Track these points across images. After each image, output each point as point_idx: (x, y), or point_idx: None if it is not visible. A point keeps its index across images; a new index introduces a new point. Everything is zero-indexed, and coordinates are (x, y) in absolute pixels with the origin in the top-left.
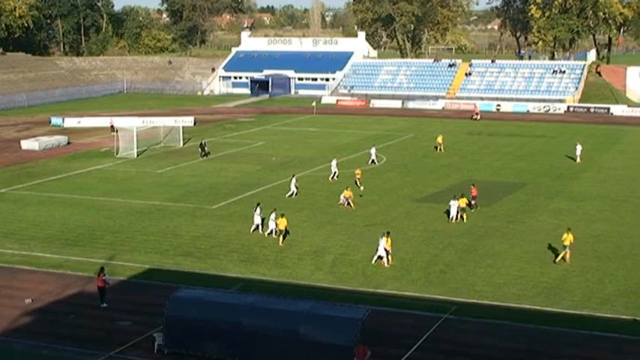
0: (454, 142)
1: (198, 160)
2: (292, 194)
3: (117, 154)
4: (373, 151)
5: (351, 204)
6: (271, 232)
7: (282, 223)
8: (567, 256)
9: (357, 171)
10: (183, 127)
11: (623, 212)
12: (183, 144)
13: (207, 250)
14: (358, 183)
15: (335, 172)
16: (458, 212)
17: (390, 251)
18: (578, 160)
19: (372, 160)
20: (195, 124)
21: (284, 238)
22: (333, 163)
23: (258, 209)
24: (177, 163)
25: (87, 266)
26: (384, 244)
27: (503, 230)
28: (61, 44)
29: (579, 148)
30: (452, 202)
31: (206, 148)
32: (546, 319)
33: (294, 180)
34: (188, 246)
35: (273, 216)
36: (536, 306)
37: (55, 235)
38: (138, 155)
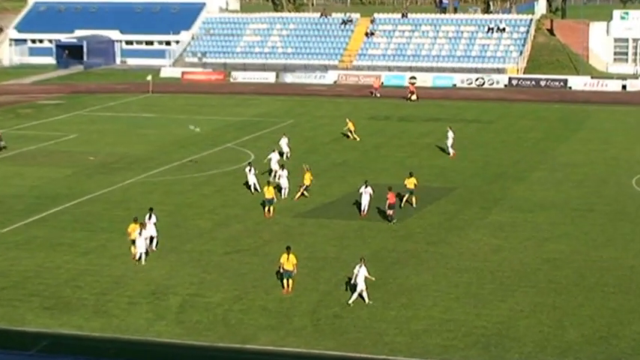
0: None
1: None
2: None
3: None
4: (284, 142)
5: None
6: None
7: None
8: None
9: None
10: None
11: (587, 226)
12: None
13: None
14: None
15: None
16: (370, 202)
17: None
18: (451, 152)
19: (285, 155)
20: None
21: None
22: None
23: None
24: None
25: None
26: (364, 273)
27: (422, 255)
28: None
29: (450, 136)
30: (363, 190)
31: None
32: None
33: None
34: None
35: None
36: None
37: None
38: None
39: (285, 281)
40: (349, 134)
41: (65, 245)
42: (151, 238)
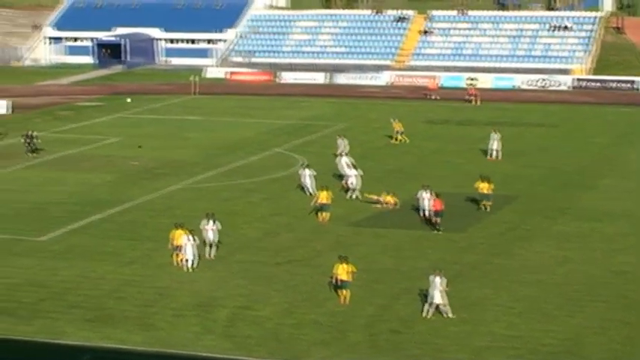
0: (407, 136)
1: (17, 168)
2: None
3: None
4: (342, 144)
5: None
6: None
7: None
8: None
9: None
10: None
11: None
12: None
13: (35, 306)
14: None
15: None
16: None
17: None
18: (494, 156)
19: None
20: (11, 111)
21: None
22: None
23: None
24: None
25: None
26: (439, 285)
27: (484, 267)
28: None
29: (495, 139)
30: (422, 195)
31: (35, 141)
32: None
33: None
34: (3, 299)
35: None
36: None
37: None
38: None
39: (340, 292)
40: (397, 137)
41: (107, 254)
42: (210, 245)
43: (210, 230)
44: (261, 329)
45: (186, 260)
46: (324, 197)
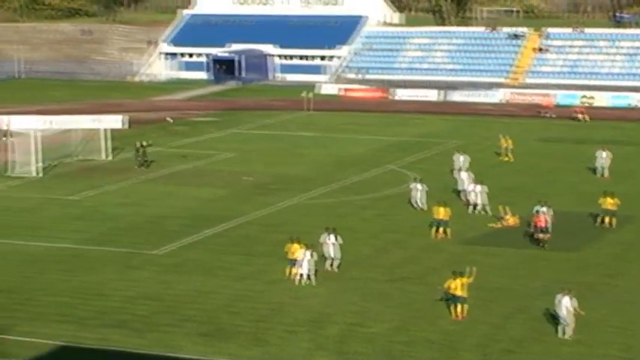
0: (521, 154)
1: (133, 182)
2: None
3: (9, 171)
4: (461, 160)
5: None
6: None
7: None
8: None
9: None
10: (108, 131)
11: None
12: (110, 156)
13: (149, 319)
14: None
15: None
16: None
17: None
18: (600, 174)
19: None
20: (127, 126)
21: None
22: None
23: None
24: (100, 185)
25: None
26: (570, 305)
27: (599, 288)
28: None
29: (603, 157)
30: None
31: (146, 150)
32: None
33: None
34: (119, 312)
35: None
36: None
37: None
38: (42, 173)
39: (453, 308)
40: (506, 154)
41: (221, 269)
42: (331, 259)
43: (331, 245)
44: (373, 346)
45: (301, 275)
46: (441, 213)
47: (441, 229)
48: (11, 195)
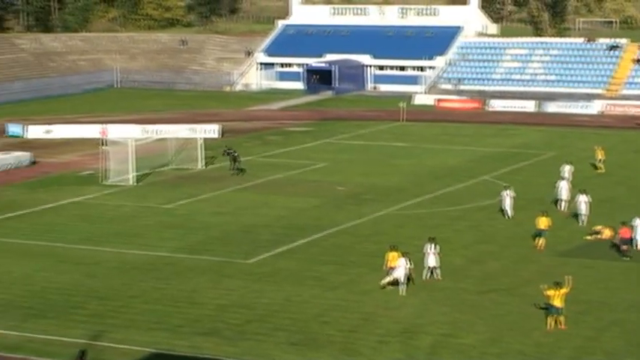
0: (618, 166)
1: (227, 191)
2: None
3: (105, 179)
4: (567, 169)
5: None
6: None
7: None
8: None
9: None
10: (204, 140)
11: None
12: (205, 165)
13: (241, 327)
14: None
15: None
16: None
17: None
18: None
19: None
20: (221, 135)
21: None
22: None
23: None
24: (194, 194)
25: (59, 348)
26: None
27: None
28: (22, 16)
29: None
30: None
31: (238, 159)
32: None
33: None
34: (211, 320)
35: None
36: None
37: (13, 301)
38: (136, 182)
39: (550, 318)
40: (599, 165)
41: (313, 279)
42: (431, 269)
43: (432, 254)
44: (465, 358)
45: (394, 283)
46: (543, 223)
47: (540, 239)
48: (106, 203)
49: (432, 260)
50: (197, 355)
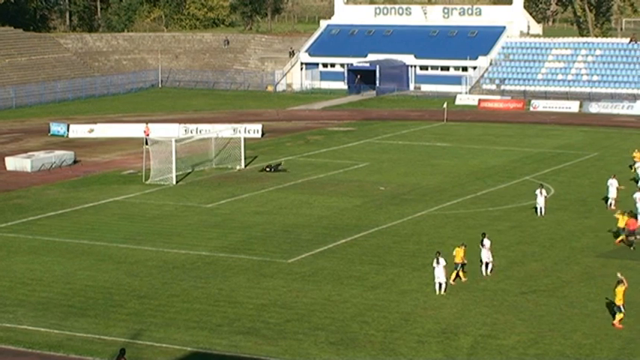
0: None
1: (268, 190)
2: None
3: (146, 179)
4: (613, 184)
5: None
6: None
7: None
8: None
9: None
10: (246, 140)
11: None
12: (246, 165)
13: (280, 327)
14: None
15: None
16: None
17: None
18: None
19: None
20: (263, 135)
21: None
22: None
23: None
24: (236, 193)
25: (100, 347)
26: None
27: None
28: (67, 15)
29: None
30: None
31: (279, 165)
32: None
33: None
34: (251, 319)
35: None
36: None
37: (54, 299)
38: (178, 181)
39: (617, 315)
40: (634, 166)
41: (353, 278)
42: (486, 264)
43: (485, 250)
44: (505, 359)
45: (439, 284)
46: (622, 222)
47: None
48: (148, 202)
49: (486, 254)
50: (236, 354)
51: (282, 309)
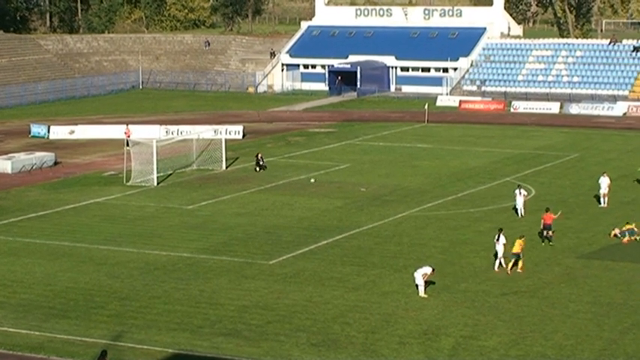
0: None
1: (249, 192)
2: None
3: (127, 180)
4: (604, 182)
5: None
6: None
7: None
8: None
9: None
10: (227, 141)
11: None
12: (227, 166)
13: (262, 328)
14: None
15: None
16: None
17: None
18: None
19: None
20: (244, 136)
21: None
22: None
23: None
24: (217, 194)
25: (81, 348)
26: None
27: None
28: (47, 16)
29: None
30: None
31: (261, 162)
32: None
33: None
34: (232, 321)
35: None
36: None
37: (35, 301)
38: (159, 183)
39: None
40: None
41: (334, 280)
42: (499, 258)
43: (501, 245)
44: (486, 359)
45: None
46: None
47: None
48: (129, 203)
49: (500, 249)
50: (218, 355)
51: (264, 310)
